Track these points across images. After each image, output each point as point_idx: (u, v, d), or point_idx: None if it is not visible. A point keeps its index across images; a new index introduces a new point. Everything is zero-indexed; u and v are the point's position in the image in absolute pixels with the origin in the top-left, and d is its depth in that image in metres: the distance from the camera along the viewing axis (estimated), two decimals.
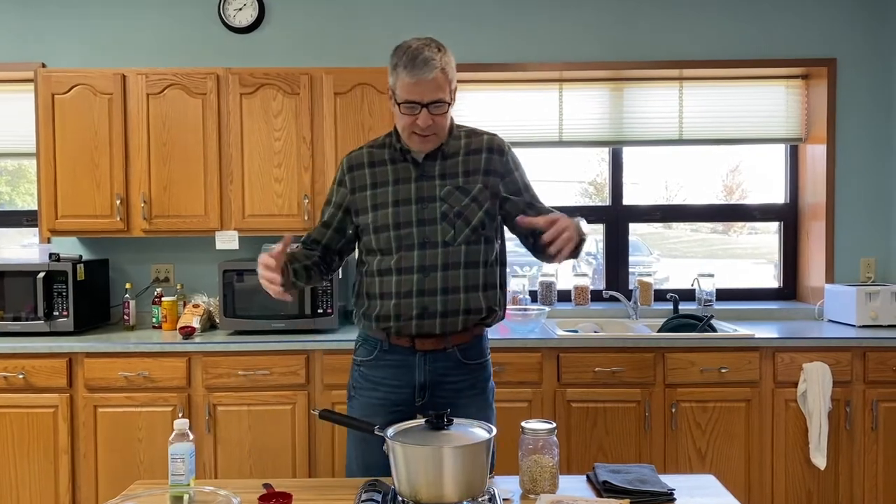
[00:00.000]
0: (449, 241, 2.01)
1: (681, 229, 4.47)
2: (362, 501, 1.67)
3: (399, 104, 1.96)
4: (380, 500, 1.67)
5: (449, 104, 1.98)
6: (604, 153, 4.07)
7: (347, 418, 1.89)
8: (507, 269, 2.20)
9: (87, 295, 3.50)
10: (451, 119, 2.08)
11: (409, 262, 2.01)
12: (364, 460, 2.02)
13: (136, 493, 1.73)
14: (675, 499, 1.76)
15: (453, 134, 2.09)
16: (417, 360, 2.05)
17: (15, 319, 3.36)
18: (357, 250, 2.19)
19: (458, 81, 4.00)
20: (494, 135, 2.13)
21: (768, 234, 4.25)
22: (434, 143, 2.02)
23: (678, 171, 4.19)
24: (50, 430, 3.20)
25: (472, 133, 2.12)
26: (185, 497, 1.65)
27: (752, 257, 4.40)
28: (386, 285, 2.03)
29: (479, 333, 2.12)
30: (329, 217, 2.15)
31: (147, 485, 1.89)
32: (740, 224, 4.40)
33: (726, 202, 4.20)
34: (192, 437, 1.77)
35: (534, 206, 2.11)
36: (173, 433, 1.75)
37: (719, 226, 4.45)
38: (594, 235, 4.21)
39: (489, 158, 2.07)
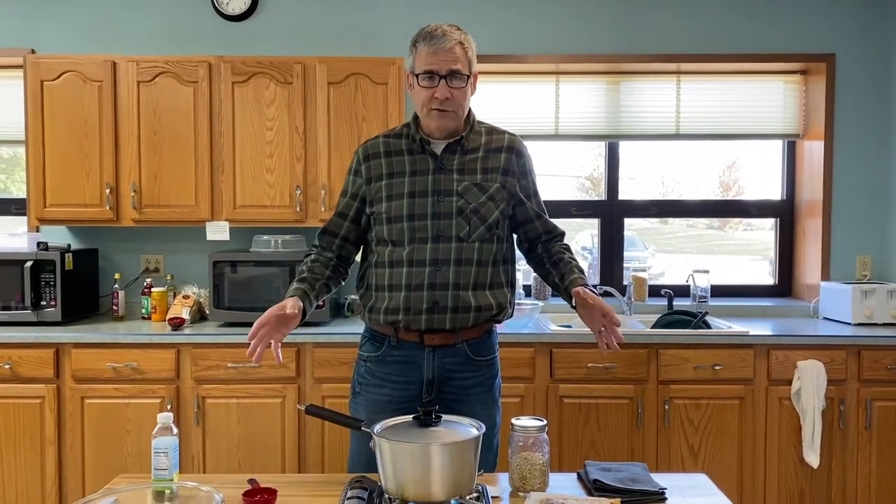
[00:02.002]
0: (463, 236, 1.99)
1: (676, 225, 4.44)
2: (348, 498, 1.64)
3: (417, 76, 1.97)
4: (366, 497, 1.64)
5: (468, 77, 1.99)
6: (600, 148, 4.04)
7: (334, 414, 1.86)
8: (516, 268, 2.20)
9: (75, 285, 3.46)
10: (472, 114, 2.09)
11: (422, 255, 1.99)
12: (368, 455, 1.99)
13: (118, 488, 1.70)
14: (666, 498, 1.74)
15: (474, 129, 2.09)
16: (426, 355, 2.02)
17: (3, 309, 3.32)
18: (366, 240, 2.16)
19: None
20: (515, 135, 2.13)
21: (764, 231, 4.23)
22: (453, 122, 2.01)
23: (674, 167, 4.16)
24: (36, 421, 3.17)
25: (493, 130, 2.12)
26: (167, 492, 1.62)
27: (748, 253, 4.38)
28: (396, 277, 2.00)
29: (488, 329, 2.10)
30: (345, 207, 2.12)
31: (130, 479, 1.86)
32: (736, 220, 4.38)
33: (723, 198, 4.17)
34: (176, 431, 1.73)
35: (541, 218, 2.15)
36: (157, 427, 1.72)
37: (715, 221, 4.43)
38: (590, 230, 4.19)
39: (509, 158, 2.07)
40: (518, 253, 2.23)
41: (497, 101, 3.83)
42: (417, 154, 2.04)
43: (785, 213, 4.02)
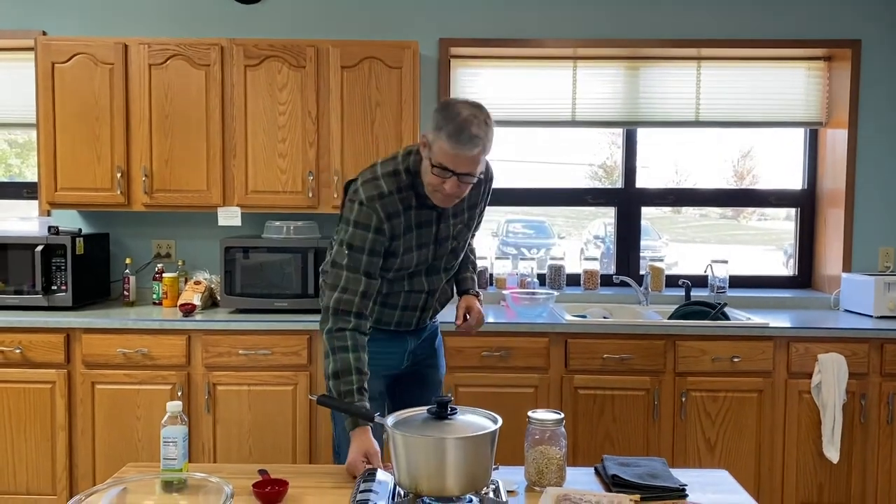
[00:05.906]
0: (451, 268, 2.20)
1: (689, 214, 4.38)
2: (361, 492, 1.60)
3: (432, 165, 1.91)
4: (379, 490, 1.60)
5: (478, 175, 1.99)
6: (614, 136, 3.96)
7: (346, 404, 1.82)
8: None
9: (86, 269, 3.43)
10: None
11: (420, 287, 2.15)
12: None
13: (126, 477, 1.67)
14: (687, 495, 1.69)
15: None
16: (408, 334, 2.24)
17: (14, 293, 3.30)
18: None
19: (469, 57, 3.86)
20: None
21: (778, 220, 4.15)
22: (452, 203, 2.01)
23: (689, 155, 4.08)
24: (47, 407, 3.16)
25: None
26: (176, 482, 1.59)
27: (762, 243, 4.31)
28: (394, 297, 2.14)
29: None
30: (373, 266, 2.00)
31: (139, 468, 1.84)
32: (750, 210, 4.30)
33: (741, 187, 4.09)
34: (185, 420, 1.70)
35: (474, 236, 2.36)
36: (166, 416, 1.69)
37: (728, 211, 4.36)
38: (603, 219, 4.13)
39: (482, 189, 2.18)
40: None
41: (512, 87, 3.77)
42: (424, 208, 2.04)
43: (805, 202, 3.94)
